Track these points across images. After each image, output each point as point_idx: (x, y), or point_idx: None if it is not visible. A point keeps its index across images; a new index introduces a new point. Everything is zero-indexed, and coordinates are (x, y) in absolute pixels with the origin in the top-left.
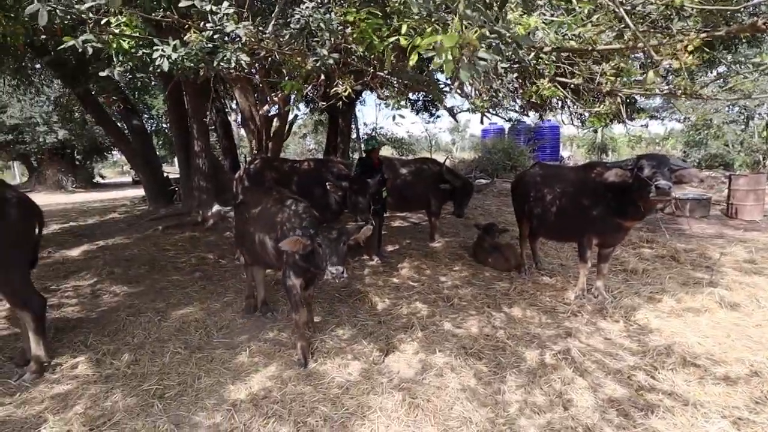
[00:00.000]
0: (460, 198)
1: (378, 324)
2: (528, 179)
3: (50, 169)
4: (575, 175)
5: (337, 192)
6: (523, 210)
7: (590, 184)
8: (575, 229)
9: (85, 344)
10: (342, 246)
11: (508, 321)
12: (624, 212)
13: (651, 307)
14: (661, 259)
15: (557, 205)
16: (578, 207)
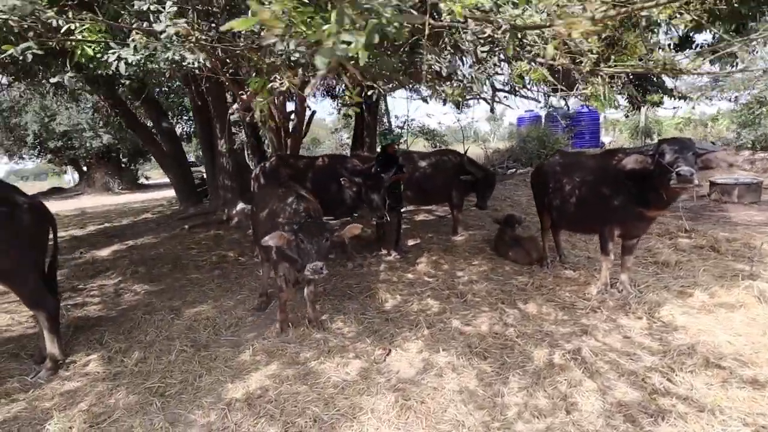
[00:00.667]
0: (482, 189)
1: (385, 321)
2: (547, 169)
3: (98, 172)
4: (595, 163)
5: (352, 188)
6: (543, 202)
7: (611, 172)
8: (595, 219)
9: (100, 342)
10: (324, 242)
11: (522, 318)
12: (646, 201)
13: (679, 303)
14: (699, 250)
15: (577, 195)
16: (598, 196)
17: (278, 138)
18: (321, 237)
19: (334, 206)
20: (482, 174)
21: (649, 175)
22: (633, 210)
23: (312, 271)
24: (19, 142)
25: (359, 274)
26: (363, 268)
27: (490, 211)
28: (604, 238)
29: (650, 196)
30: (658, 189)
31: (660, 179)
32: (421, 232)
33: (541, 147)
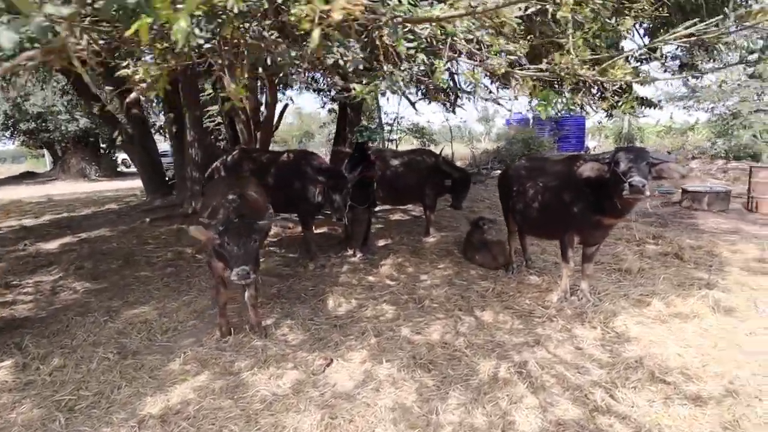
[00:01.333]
0: (457, 190)
1: (333, 328)
2: (512, 173)
3: (74, 157)
4: (557, 169)
5: (315, 186)
6: (508, 206)
7: (571, 179)
8: (555, 225)
9: (19, 347)
10: (252, 244)
11: (476, 326)
12: (602, 209)
13: (635, 312)
14: (663, 257)
15: (538, 201)
16: (558, 202)
17: (248, 130)
18: (248, 239)
19: (297, 204)
20: (457, 174)
21: (605, 184)
22: (590, 217)
23: (237, 276)
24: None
25: (319, 276)
26: (325, 269)
27: (466, 212)
28: (564, 244)
29: (606, 205)
30: (613, 198)
31: (614, 188)
32: (394, 232)
33: (526, 149)
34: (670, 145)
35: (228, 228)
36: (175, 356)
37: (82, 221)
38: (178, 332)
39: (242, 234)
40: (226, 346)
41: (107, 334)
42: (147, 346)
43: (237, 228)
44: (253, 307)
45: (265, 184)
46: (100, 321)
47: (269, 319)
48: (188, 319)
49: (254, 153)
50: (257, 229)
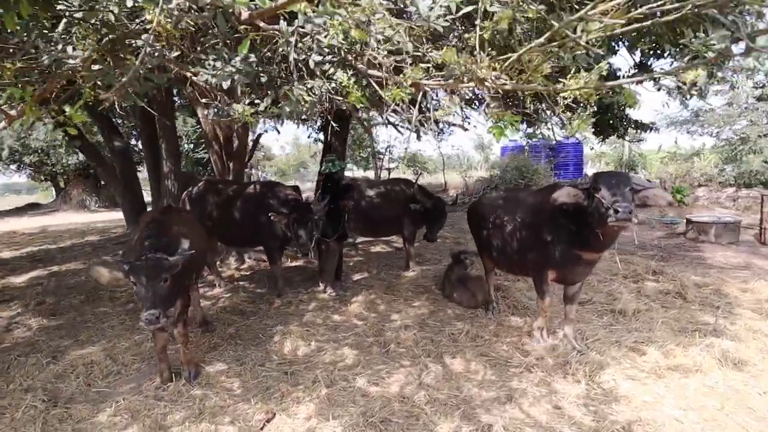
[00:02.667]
0: (431, 220)
1: (284, 375)
2: (484, 204)
3: (75, 189)
4: (532, 199)
5: (281, 221)
6: (482, 241)
7: (545, 209)
8: (528, 261)
9: None
10: (161, 284)
11: (443, 377)
12: (581, 241)
13: (627, 364)
14: (664, 296)
15: (511, 234)
16: (530, 235)
17: (221, 161)
18: (156, 279)
19: (262, 237)
20: (431, 203)
21: (584, 212)
22: (568, 252)
23: (145, 321)
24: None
25: (282, 314)
26: (291, 306)
27: (451, 244)
28: (538, 282)
29: (585, 236)
30: (594, 228)
31: (595, 216)
32: (372, 265)
33: (520, 177)
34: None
35: (133, 266)
36: (107, 405)
37: (57, 254)
38: (120, 376)
39: (149, 274)
40: (164, 395)
41: (44, 378)
42: (83, 392)
43: (143, 266)
44: (183, 345)
45: (230, 216)
46: (42, 363)
47: (217, 364)
48: (134, 362)
49: (220, 184)
50: (166, 267)
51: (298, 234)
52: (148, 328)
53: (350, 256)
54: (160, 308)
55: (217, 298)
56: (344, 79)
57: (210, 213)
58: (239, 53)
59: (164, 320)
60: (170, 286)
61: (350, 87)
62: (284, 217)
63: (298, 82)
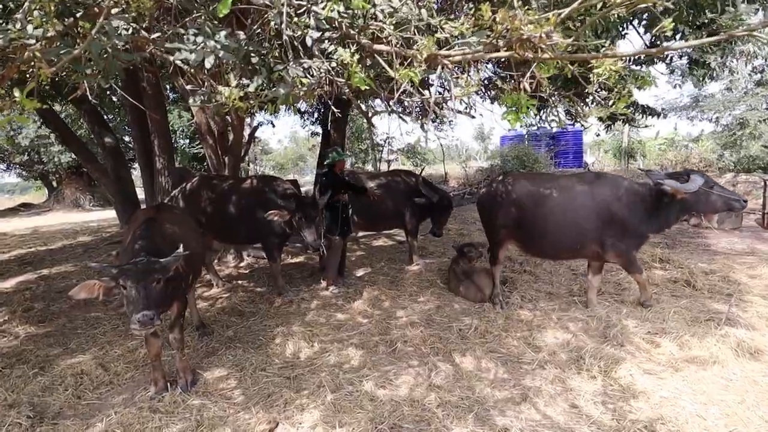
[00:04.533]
0: (437, 214)
1: (286, 381)
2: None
3: (68, 188)
4: (604, 189)
5: (283, 217)
6: (509, 230)
7: (635, 198)
8: (607, 246)
9: None
10: (154, 286)
11: (453, 377)
12: (656, 225)
13: (642, 356)
14: (672, 285)
15: (576, 222)
16: (611, 222)
17: (216, 155)
18: (148, 280)
19: (260, 234)
20: (437, 197)
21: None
22: (644, 235)
23: (138, 323)
24: None
25: (284, 314)
26: (292, 305)
27: (455, 236)
28: (628, 262)
29: (659, 220)
30: (678, 214)
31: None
32: (375, 260)
33: (520, 166)
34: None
35: (122, 271)
36: (98, 420)
37: (47, 257)
38: (113, 387)
39: (141, 276)
40: (159, 406)
41: (31, 391)
42: (72, 405)
43: (133, 269)
44: (178, 351)
45: (226, 212)
46: (28, 374)
47: (216, 370)
48: (128, 370)
49: (214, 180)
50: (159, 268)
51: (307, 230)
52: (141, 330)
53: (352, 250)
54: (154, 309)
55: (215, 299)
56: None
57: (204, 210)
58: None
59: (158, 321)
60: (163, 289)
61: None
62: (288, 213)
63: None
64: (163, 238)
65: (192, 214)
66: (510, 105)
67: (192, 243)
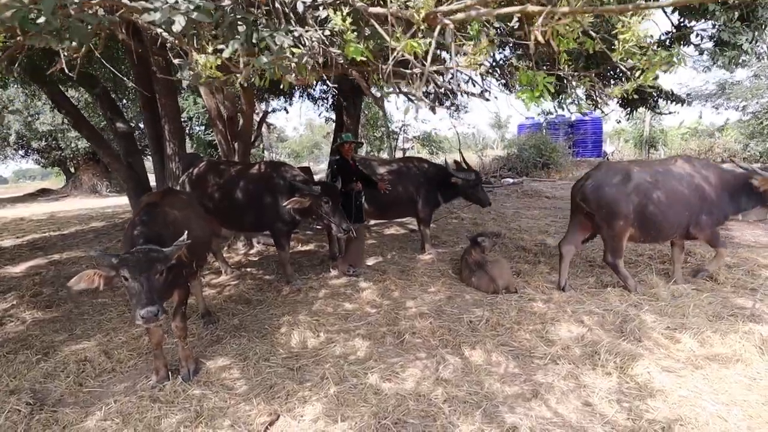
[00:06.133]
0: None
1: (289, 371)
2: (633, 183)
3: (85, 174)
4: (719, 175)
5: (304, 203)
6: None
7: (733, 183)
8: (702, 225)
9: None
10: (156, 277)
11: (462, 370)
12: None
13: (661, 353)
14: (694, 278)
15: (685, 206)
16: (712, 204)
17: (226, 141)
18: (150, 271)
19: (268, 221)
20: (473, 174)
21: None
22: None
23: (143, 319)
24: (2, 142)
25: (291, 303)
26: (300, 294)
27: (468, 224)
28: (714, 239)
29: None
30: None
31: None
32: (386, 249)
33: (537, 155)
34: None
35: (123, 260)
36: (98, 408)
37: (58, 242)
38: (115, 374)
39: (143, 267)
40: (160, 395)
41: (33, 378)
42: (73, 392)
43: (134, 259)
44: (181, 340)
45: (233, 199)
46: (32, 360)
47: (219, 359)
48: (131, 358)
49: (222, 165)
50: (161, 259)
51: (337, 215)
52: (149, 326)
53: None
54: (158, 304)
55: (223, 286)
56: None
57: (211, 195)
58: None
59: (163, 316)
60: (166, 279)
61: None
62: (310, 198)
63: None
64: (165, 225)
65: (199, 199)
66: (525, 84)
67: (196, 229)
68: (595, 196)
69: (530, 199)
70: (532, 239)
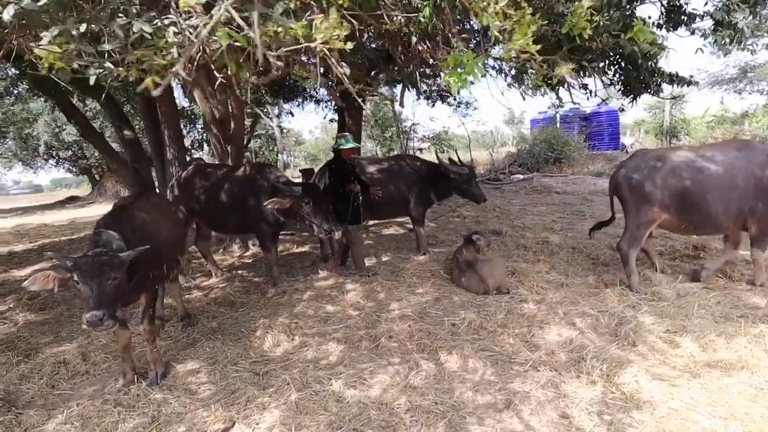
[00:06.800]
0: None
1: (255, 377)
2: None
3: (109, 181)
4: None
5: (284, 204)
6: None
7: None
8: (758, 216)
9: None
10: (108, 282)
11: (434, 377)
12: None
13: (655, 359)
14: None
15: (742, 195)
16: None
17: (220, 144)
18: (102, 276)
19: (253, 224)
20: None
21: None
22: None
23: (87, 322)
24: (32, 152)
25: (274, 305)
26: (285, 296)
27: (472, 224)
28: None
29: None
30: None
31: None
32: (381, 249)
33: (549, 150)
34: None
35: (75, 263)
36: (60, 411)
37: (65, 246)
38: (87, 377)
39: (93, 272)
40: (124, 399)
41: (9, 379)
42: (44, 395)
43: (87, 263)
44: (149, 343)
45: (218, 201)
46: (12, 362)
47: (189, 363)
48: (106, 360)
49: (208, 168)
50: (114, 263)
51: (318, 216)
52: (92, 329)
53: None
54: (105, 309)
55: (211, 289)
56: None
57: (198, 198)
58: None
59: (109, 322)
60: (120, 285)
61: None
62: (291, 200)
63: (144, 15)
64: (131, 228)
65: (186, 202)
66: (452, 66)
67: (166, 233)
68: (626, 182)
69: (539, 195)
70: (534, 237)
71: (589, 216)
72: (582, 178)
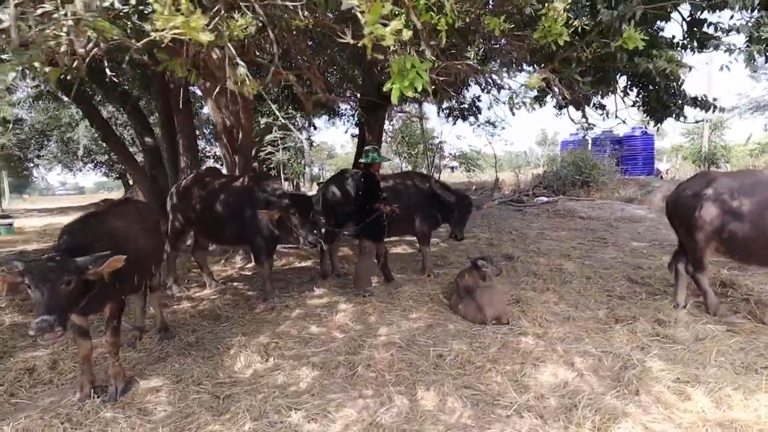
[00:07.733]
0: (457, 216)
1: (214, 400)
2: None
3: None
4: None
5: (272, 216)
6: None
7: None
8: None
9: None
10: (59, 288)
11: (405, 415)
12: None
13: (659, 413)
14: (732, 316)
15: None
16: None
17: (229, 154)
18: (54, 282)
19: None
20: (453, 198)
21: None
22: None
23: (35, 328)
24: (72, 155)
25: (258, 321)
26: (272, 312)
27: (484, 245)
28: None
29: None
30: None
31: None
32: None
33: (576, 173)
34: (764, 165)
35: (27, 267)
36: (6, 423)
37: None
38: (50, 387)
39: (45, 276)
40: (75, 414)
41: None
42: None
43: (38, 268)
44: (111, 355)
45: (213, 211)
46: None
47: (154, 380)
48: (72, 370)
49: (207, 177)
50: (69, 269)
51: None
52: (40, 336)
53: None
54: (57, 315)
55: (201, 300)
56: None
57: (194, 207)
58: None
59: (60, 329)
60: (73, 291)
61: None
62: (279, 212)
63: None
64: (100, 235)
65: (183, 211)
66: (396, 72)
67: (140, 242)
68: (674, 205)
69: (561, 220)
70: (548, 263)
71: (612, 244)
72: (609, 203)
